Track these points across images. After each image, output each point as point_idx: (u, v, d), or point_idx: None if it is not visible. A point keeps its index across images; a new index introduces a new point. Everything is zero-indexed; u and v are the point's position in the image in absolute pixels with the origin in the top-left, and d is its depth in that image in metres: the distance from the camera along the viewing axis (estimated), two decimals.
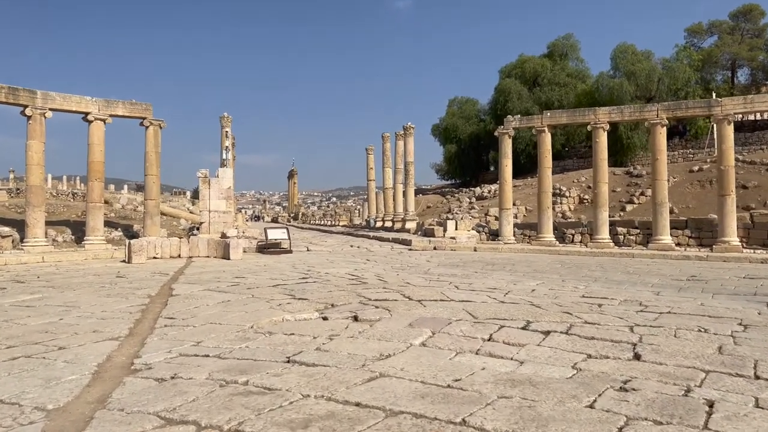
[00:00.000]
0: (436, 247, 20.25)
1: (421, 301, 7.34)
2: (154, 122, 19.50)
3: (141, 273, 11.80)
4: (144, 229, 19.72)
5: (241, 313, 6.60)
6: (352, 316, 6.30)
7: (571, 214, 26.11)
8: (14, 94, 16.80)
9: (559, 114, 21.48)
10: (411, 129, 28.50)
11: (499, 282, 10.32)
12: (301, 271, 11.86)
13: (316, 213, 78.76)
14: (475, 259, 16.76)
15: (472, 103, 52.72)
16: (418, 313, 6.41)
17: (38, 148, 17.15)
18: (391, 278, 10.35)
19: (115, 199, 29.15)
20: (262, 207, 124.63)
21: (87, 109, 18.20)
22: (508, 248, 19.87)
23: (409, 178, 28.75)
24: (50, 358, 4.64)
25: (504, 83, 45.45)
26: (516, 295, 8.31)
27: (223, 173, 20.39)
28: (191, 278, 10.40)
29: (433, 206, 36.03)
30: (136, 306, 7.23)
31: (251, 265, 13.50)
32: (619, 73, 39.52)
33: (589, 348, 5.02)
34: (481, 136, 47.33)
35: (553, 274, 12.40)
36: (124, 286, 9.29)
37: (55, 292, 8.70)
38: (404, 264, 14.55)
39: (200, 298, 7.79)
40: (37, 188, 17.29)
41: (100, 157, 18.45)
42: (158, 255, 16.24)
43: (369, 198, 38.17)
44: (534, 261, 16.07)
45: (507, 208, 21.60)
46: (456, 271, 12.77)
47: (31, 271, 12.81)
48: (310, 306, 7.05)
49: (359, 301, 7.35)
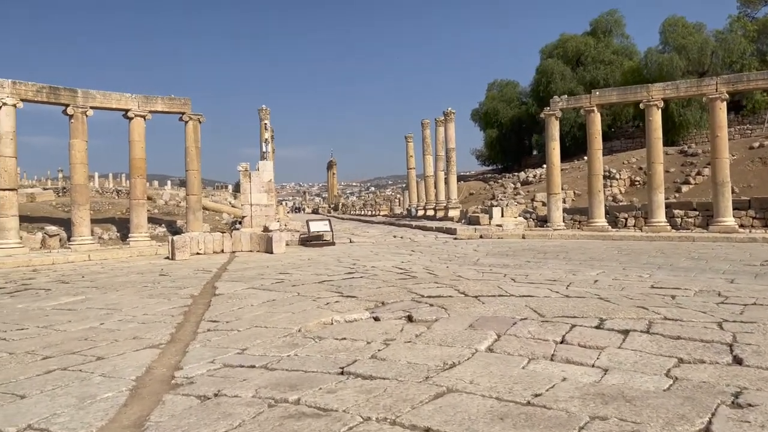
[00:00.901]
0: (482, 236, 19.60)
1: (478, 297, 6.80)
2: (193, 117, 19.38)
3: (184, 270, 11.60)
4: (186, 224, 19.69)
5: (287, 314, 6.20)
6: (405, 316, 5.81)
7: (622, 197, 25.03)
8: (55, 94, 16.86)
9: (608, 92, 20.45)
10: (452, 114, 27.78)
11: (557, 272, 9.69)
12: (347, 264, 11.45)
13: (356, 203, 78.72)
14: (524, 247, 16.08)
15: (513, 85, 51.39)
16: (477, 312, 5.89)
17: (81, 146, 17.21)
18: (441, 271, 9.83)
19: (158, 195, 29.42)
20: (302, 198, 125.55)
21: (127, 105, 18.18)
22: (558, 235, 19.08)
23: (451, 164, 28.07)
24: (87, 370, 4.31)
25: (546, 64, 44.02)
26: (579, 288, 7.70)
27: (263, 166, 20.18)
28: (234, 275, 10.11)
29: (475, 193, 35.27)
30: (179, 307, 6.92)
31: (295, 260, 13.18)
32: (669, 47, 37.64)
33: (679, 350, 4.42)
34: (523, 119, 46.10)
35: (612, 261, 11.69)
36: (166, 285, 9.05)
37: (98, 293, 8.50)
38: (451, 254, 14.00)
39: (244, 297, 7.44)
40: (82, 187, 17.39)
41: (141, 154, 18.44)
42: (201, 251, 16.11)
43: (409, 186, 37.62)
44: (588, 248, 15.30)
45: (555, 193, 20.75)
46: (507, 260, 12.17)
47: (77, 270, 12.79)
48: (360, 304, 6.60)
49: (411, 298, 6.86)
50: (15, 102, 16.00)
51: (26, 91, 16.30)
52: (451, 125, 27.92)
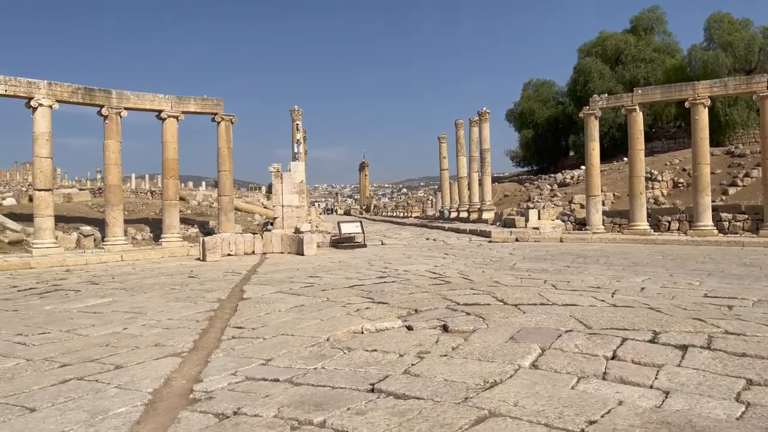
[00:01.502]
0: (518, 239, 19.06)
1: (518, 305, 6.39)
2: (225, 117, 19.35)
3: (213, 272, 11.44)
4: (218, 225, 19.66)
5: (315, 320, 5.90)
6: (440, 326, 5.45)
7: (664, 199, 24.12)
8: (90, 95, 17.00)
9: (651, 91, 19.68)
10: (486, 114, 27.23)
11: (599, 278, 9.19)
12: (378, 268, 11.12)
13: (387, 204, 78.46)
14: (563, 251, 15.52)
15: (549, 85, 50.37)
16: (518, 322, 5.48)
17: (115, 147, 17.31)
18: (476, 276, 9.42)
19: (191, 196, 29.62)
20: (334, 200, 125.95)
21: (160, 106, 18.24)
22: (597, 238, 18.42)
23: (486, 165, 27.52)
24: (103, 381, 4.07)
25: (584, 62, 42.96)
26: (625, 296, 7.21)
27: (295, 167, 20.02)
28: (263, 278, 9.88)
29: (510, 195, 34.58)
30: (204, 312, 6.68)
31: (326, 262, 12.92)
32: (714, 44, 36.29)
33: (746, 370, 3.96)
34: (560, 119, 45.10)
35: (657, 267, 11.10)
36: (194, 288, 8.86)
37: (126, 295, 8.36)
38: (486, 258, 13.56)
39: (272, 302, 7.17)
40: (115, 187, 17.48)
41: (173, 155, 18.47)
42: (232, 252, 16.01)
43: (442, 188, 37.12)
44: (630, 252, 14.66)
45: (595, 195, 20.07)
46: (545, 265, 11.68)
47: (109, 270, 12.78)
48: (392, 312, 6.26)
49: (446, 305, 6.49)
50: (51, 103, 16.17)
51: (62, 92, 16.46)
52: (486, 125, 27.38)
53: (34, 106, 15.95)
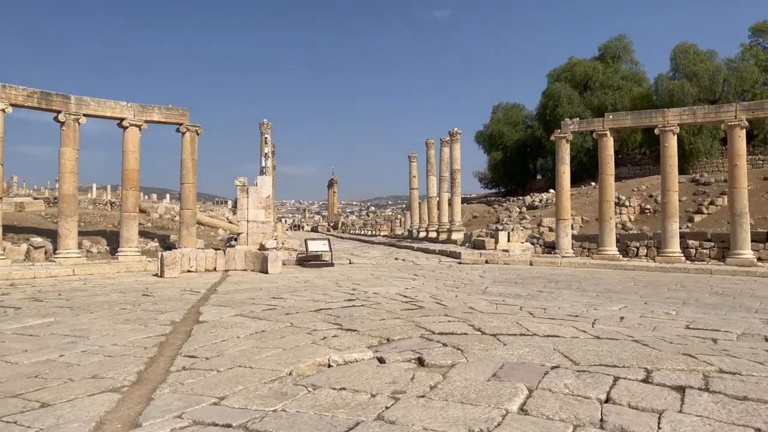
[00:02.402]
0: (488, 261, 18.76)
1: (497, 335, 5.96)
2: (190, 128, 18.66)
3: (170, 290, 10.74)
4: (179, 239, 18.85)
5: (277, 350, 5.35)
6: (415, 358, 4.97)
7: (631, 224, 24.23)
8: (47, 100, 16.14)
9: (622, 116, 19.76)
10: (458, 135, 27.10)
11: (575, 306, 8.86)
12: (346, 290, 10.59)
13: (356, 222, 77.92)
14: (533, 274, 15.24)
15: (518, 108, 50.91)
16: (499, 355, 5.04)
17: (71, 155, 16.44)
18: (449, 300, 8.99)
19: (153, 209, 28.60)
20: (301, 216, 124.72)
21: (122, 114, 17.47)
22: (567, 262, 18.24)
23: (456, 186, 27.32)
24: (23, 423, 3.46)
25: (553, 87, 43.55)
26: (606, 326, 6.86)
27: (261, 181, 19.41)
28: (223, 298, 9.25)
29: (479, 216, 34.46)
30: (154, 337, 6.06)
31: (291, 282, 12.33)
32: (679, 74, 37.15)
33: (753, 417, 3.61)
34: (528, 142, 45.48)
35: (631, 294, 10.87)
36: (147, 308, 8.19)
37: (70, 314, 7.65)
38: (457, 280, 13.17)
39: (230, 326, 6.59)
40: (70, 197, 16.58)
41: (135, 165, 17.67)
42: (192, 268, 15.26)
43: (412, 207, 36.81)
44: (601, 278, 14.47)
45: (565, 219, 19.97)
46: (517, 290, 11.34)
47: (57, 285, 11.93)
48: (361, 340, 5.76)
49: (420, 334, 6.01)
50: (4, 106, 15.29)
51: (16, 95, 15.59)
52: (457, 146, 27.23)
53: None
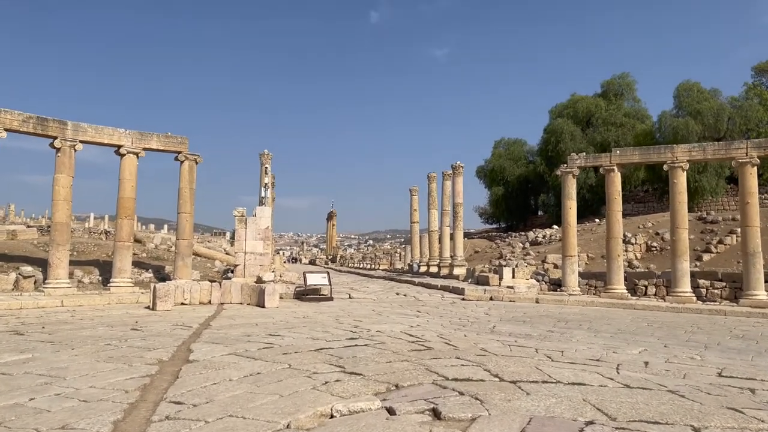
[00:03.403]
0: (492, 297, 18.15)
1: (517, 382, 5.39)
2: (189, 157, 18.28)
3: (161, 324, 10.14)
4: (174, 270, 18.27)
5: (273, 396, 4.78)
6: (430, 410, 4.40)
7: (638, 262, 23.69)
8: (43, 125, 15.78)
9: (630, 152, 19.42)
10: (460, 168, 26.77)
11: (592, 348, 8.29)
12: (348, 327, 10.00)
13: (354, 255, 77.32)
14: (541, 313, 14.66)
15: (520, 144, 50.86)
16: (524, 407, 4.47)
17: (66, 182, 16.00)
18: (458, 341, 8.41)
19: (149, 239, 28.05)
20: (299, 249, 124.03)
21: (119, 141, 17.10)
22: (575, 300, 17.64)
23: (458, 220, 26.85)
24: None
25: (555, 123, 43.51)
26: (631, 372, 6.30)
27: (261, 212, 18.94)
28: (217, 335, 8.66)
29: (481, 251, 33.92)
30: (138, 378, 5.48)
31: (288, 317, 11.73)
32: (683, 111, 37.13)
33: None
34: (530, 178, 45.22)
35: (647, 336, 10.30)
36: (134, 344, 7.60)
37: (50, 350, 7.06)
38: (463, 318, 12.58)
39: (222, 367, 6.01)
40: (63, 225, 16.07)
41: (131, 193, 17.22)
42: (186, 300, 14.66)
43: (413, 241, 36.30)
44: (612, 317, 13.88)
45: (571, 255, 19.44)
46: (527, 329, 10.77)
47: (43, 317, 11.33)
48: (367, 386, 5.18)
49: (432, 380, 5.44)
50: None
51: (11, 120, 15.24)
52: (460, 179, 26.88)
53: None
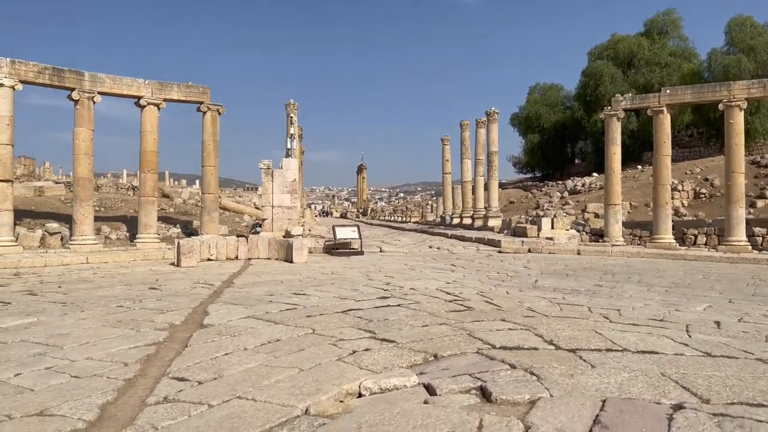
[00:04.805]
0: (530, 249, 17.29)
1: (576, 351, 4.60)
2: (212, 107, 17.55)
3: (182, 282, 9.62)
4: (201, 225, 17.84)
5: (292, 370, 4.10)
6: (477, 388, 3.66)
7: (685, 210, 22.39)
8: (59, 76, 15.17)
9: (682, 91, 17.96)
10: (495, 114, 25.46)
11: (649, 305, 7.42)
12: (379, 284, 9.31)
13: (385, 208, 76.79)
14: (584, 265, 13.77)
15: (557, 89, 48.63)
16: (591, 385, 3.69)
17: (86, 135, 15.49)
18: (500, 298, 7.63)
19: (177, 194, 27.74)
20: (330, 202, 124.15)
21: (139, 92, 16.43)
22: (619, 251, 16.66)
23: (493, 169, 25.73)
24: None
25: (594, 66, 41.20)
26: (705, 335, 5.43)
27: (287, 164, 18.23)
28: (238, 294, 8.06)
29: (516, 201, 32.81)
30: (143, 347, 4.88)
31: (316, 273, 11.11)
32: (734, 48, 34.60)
33: None
34: (567, 124, 43.31)
35: (707, 290, 9.36)
36: (147, 305, 7.04)
37: (58, 313, 6.54)
38: (502, 272, 11.79)
39: (238, 333, 5.37)
40: (85, 180, 15.64)
41: (153, 146, 16.66)
42: (213, 256, 14.20)
43: (445, 192, 35.33)
44: (663, 269, 12.93)
45: (615, 204, 18.32)
46: (572, 283, 9.93)
47: (64, 275, 10.96)
48: (401, 356, 4.47)
49: (476, 348, 4.69)
50: (13, 83, 14.36)
51: (26, 71, 14.66)
52: (495, 126, 25.61)
53: None
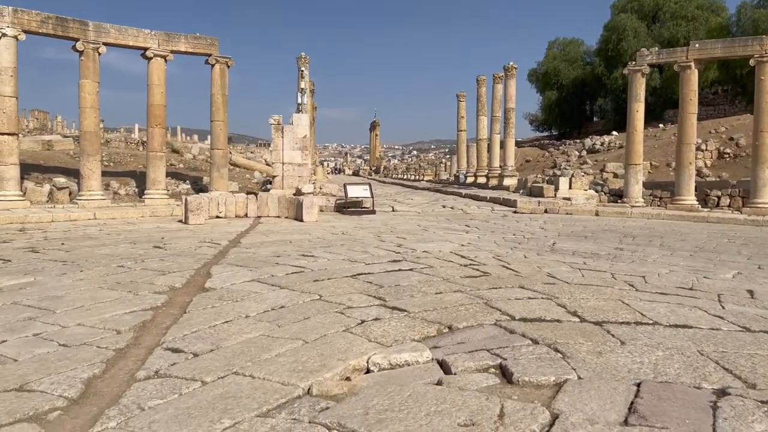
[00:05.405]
0: (547, 210, 16.86)
1: (603, 323, 4.25)
2: (220, 60, 17.01)
3: (188, 241, 9.36)
4: (210, 182, 17.55)
5: (295, 342, 3.80)
6: (496, 366, 3.33)
7: (708, 171, 21.70)
8: (63, 26, 14.67)
9: (711, 45, 17.09)
10: (513, 69, 24.61)
11: (675, 270, 7.05)
12: (390, 245, 8.98)
13: (398, 166, 76.20)
14: (603, 227, 13.35)
15: (577, 44, 47.06)
16: (623, 365, 3.34)
17: (92, 88, 15.09)
18: (518, 263, 7.27)
19: (187, 149, 27.41)
20: (343, 160, 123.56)
21: (145, 44, 15.92)
22: (639, 213, 16.17)
23: (509, 127, 25.03)
24: None
25: (617, 19, 39.65)
26: (738, 305, 5.05)
27: (297, 119, 17.75)
28: (243, 255, 7.77)
29: (532, 160, 32.15)
30: (139, 312, 4.60)
31: (326, 233, 10.80)
32: (765, 1, 33.08)
33: None
34: (587, 81, 42.04)
35: (733, 255, 8.94)
36: (149, 265, 6.77)
37: (57, 273, 6.29)
38: (518, 234, 11.41)
39: (240, 298, 5.08)
40: (91, 134, 15.32)
41: (160, 100, 16.23)
42: (221, 213, 13.94)
43: (459, 150, 34.69)
44: (685, 232, 12.49)
45: (636, 163, 17.73)
46: (591, 246, 9.55)
47: (70, 232, 10.76)
48: (413, 327, 4.15)
49: (494, 319, 4.35)
50: (16, 33, 13.91)
51: (29, 20, 14.18)
52: (512, 82, 24.79)
53: None
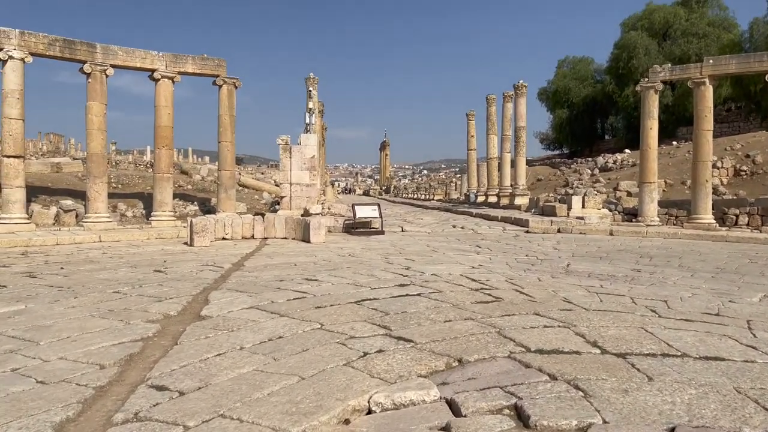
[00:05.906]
0: (560, 230, 16.47)
1: (626, 356, 3.91)
2: (227, 80, 16.93)
3: (190, 264, 9.10)
4: (218, 203, 17.37)
5: (291, 379, 3.48)
6: (510, 406, 3.00)
7: (724, 188, 21.24)
8: (71, 49, 14.66)
9: (726, 60, 16.78)
10: (523, 88, 24.41)
11: (698, 294, 6.68)
12: (398, 268, 8.66)
13: (408, 186, 76.07)
14: (618, 247, 12.95)
15: (587, 62, 46.91)
16: (652, 406, 2.99)
17: (99, 110, 15.02)
18: (532, 287, 6.92)
19: (195, 170, 27.36)
20: (354, 180, 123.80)
21: (153, 65, 15.88)
22: (654, 232, 15.74)
23: (520, 145, 24.75)
24: None
25: (627, 37, 39.47)
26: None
27: (305, 140, 17.59)
28: (245, 279, 7.48)
29: (543, 179, 31.79)
30: (128, 343, 4.32)
31: (333, 255, 10.51)
32: None
33: None
34: (597, 99, 41.76)
35: (757, 276, 8.54)
36: (145, 292, 6.50)
37: (49, 299, 6.04)
38: (531, 255, 11.05)
39: (237, 328, 4.78)
40: (98, 156, 15.22)
41: (168, 122, 16.14)
42: (228, 235, 13.70)
43: (469, 169, 34.41)
44: (704, 252, 12.06)
45: (650, 181, 17.35)
46: (607, 267, 9.17)
47: (73, 255, 10.56)
48: (420, 360, 3.83)
49: (508, 351, 4.02)
50: (23, 56, 13.90)
51: (36, 43, 14.17)
52: (522, 100, 24.57)
53: (3, 58, 13.72)
